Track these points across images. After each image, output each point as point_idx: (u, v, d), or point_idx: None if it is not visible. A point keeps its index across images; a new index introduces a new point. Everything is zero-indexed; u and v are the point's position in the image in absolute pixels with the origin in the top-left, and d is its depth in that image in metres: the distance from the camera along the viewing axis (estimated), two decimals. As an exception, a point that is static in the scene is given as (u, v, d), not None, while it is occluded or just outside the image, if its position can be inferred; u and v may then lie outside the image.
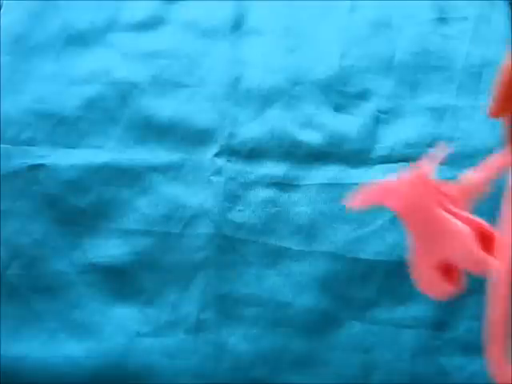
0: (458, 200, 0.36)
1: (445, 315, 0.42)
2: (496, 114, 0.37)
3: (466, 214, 0.34)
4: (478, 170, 0.34)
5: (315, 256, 0.44)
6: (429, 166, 0.35)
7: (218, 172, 0.48)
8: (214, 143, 0.49)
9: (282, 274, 0.44)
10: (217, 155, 0.49)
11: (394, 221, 0.46)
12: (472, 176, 0.34)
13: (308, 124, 0.51)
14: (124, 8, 0.59)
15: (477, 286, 0.43)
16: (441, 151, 0.36)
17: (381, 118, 0.52)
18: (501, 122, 0.43)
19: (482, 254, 0.32)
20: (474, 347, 0.41)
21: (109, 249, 0.46)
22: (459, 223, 0.34)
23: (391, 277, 0.44)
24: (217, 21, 0.58)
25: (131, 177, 0.49)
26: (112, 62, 0.55)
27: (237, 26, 0.58)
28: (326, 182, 0.48)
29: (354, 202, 0.36)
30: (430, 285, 0.36)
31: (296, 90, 0.53)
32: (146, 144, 0.49)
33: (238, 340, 0.41)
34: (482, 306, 0.42)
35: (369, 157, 0.50)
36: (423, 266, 0.36)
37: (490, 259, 0.31)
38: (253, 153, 0.50)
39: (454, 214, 0.34)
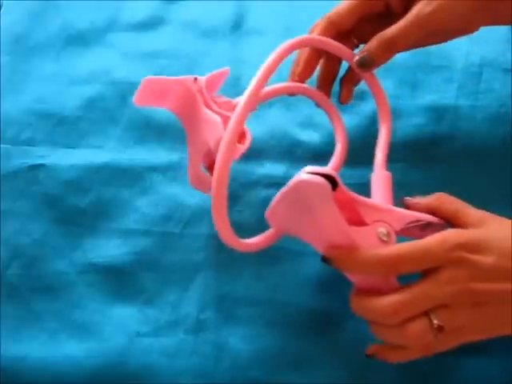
0: (225, 106, 0.43)
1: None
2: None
3: (225, 112, 0.42)
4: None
5: (315, 256, 0.44)
6: (202, 78, 0.44)
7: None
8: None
9: (281, 273, 0.44)
10: (217, 155, 0.49)
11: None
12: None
13: (308, 124, 0.51)
14: (124, 8, 0.59)
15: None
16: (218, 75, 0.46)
17: (381, 118, 0.52)
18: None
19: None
20: (473, 347, 0.41)
21: (109, 249, 0.46)
22: (215, 115, 0.41)
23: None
24: (217, 21, 0.58)
25: (131, 177, 0.49)
26: (112, 62, 0.56)
27: (237, 26, 0.58)
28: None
29: (136, 98, 0.42)
30: (198, 180, 0.44)
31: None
32: (146, 144, 0.49)
33: (238, 340, 0.41)
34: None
35: (368, 157, 0.50)
36: (193, 163, 0.44)
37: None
38: (252, 153, 0.50)
39: (216, 112, 0.42)
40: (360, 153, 0.48)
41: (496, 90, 0.53)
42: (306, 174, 0.35)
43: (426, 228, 0.41)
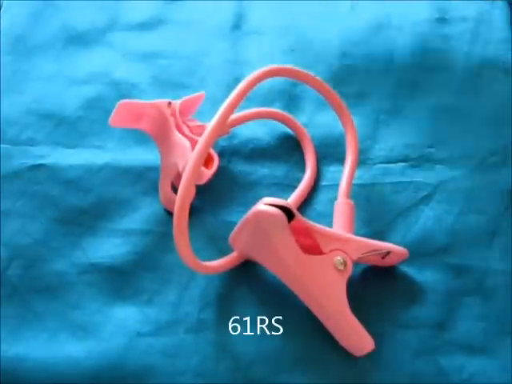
0: (198, 130, 0.45)
1: (445, 315, 0.42)
2: None
3: (195, 137, 0.44)
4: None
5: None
6: (177, 102, 0.46)
7: (219, 173, 0.48)
8: (214, 144, 0.49)
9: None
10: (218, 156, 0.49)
11: (393, 223, 0.46)
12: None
13: (308, 124, 0.51)
14: (124, 8, 0.59)
15: (477, 285, 0.44)
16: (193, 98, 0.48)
17: (380, 118, 0.52)
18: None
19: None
20: (473, 347, 0.41)
21: (109, 249, 0.46)
22: (185, 139, 0.44)
23: (391, 276, 0.44)
24: (217, 21, 0.58)
25: (131, 177, 0.49)
26: (112, 62, 0.56)
27: (237, 25, 0.58)
28: (326, 183, 0.48)
29: (112, 120, 0.45)
30: (168, 201, 0.46)
31: (296, 90, 0.53)
32: (147, 144, 0.49)
33: (239, 340, 0.41)
34: (482, 306, 0.43)
35: (368, 157, 0.50)
36: (163, 184, 0.46)
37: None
38: (253, 153, 0.50)
39: (186, 136, 0.45)
40: (360, 153, 0.49)
41: (496, 90, 0.53)
42: (263, 205, 0.38)
43: (386, 256, 0.42)
